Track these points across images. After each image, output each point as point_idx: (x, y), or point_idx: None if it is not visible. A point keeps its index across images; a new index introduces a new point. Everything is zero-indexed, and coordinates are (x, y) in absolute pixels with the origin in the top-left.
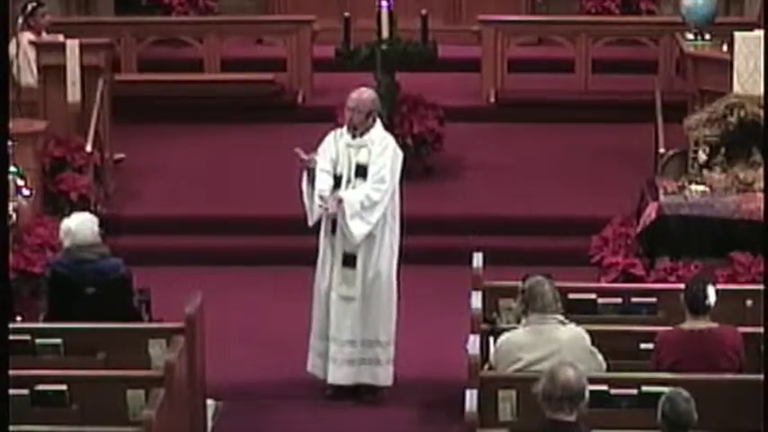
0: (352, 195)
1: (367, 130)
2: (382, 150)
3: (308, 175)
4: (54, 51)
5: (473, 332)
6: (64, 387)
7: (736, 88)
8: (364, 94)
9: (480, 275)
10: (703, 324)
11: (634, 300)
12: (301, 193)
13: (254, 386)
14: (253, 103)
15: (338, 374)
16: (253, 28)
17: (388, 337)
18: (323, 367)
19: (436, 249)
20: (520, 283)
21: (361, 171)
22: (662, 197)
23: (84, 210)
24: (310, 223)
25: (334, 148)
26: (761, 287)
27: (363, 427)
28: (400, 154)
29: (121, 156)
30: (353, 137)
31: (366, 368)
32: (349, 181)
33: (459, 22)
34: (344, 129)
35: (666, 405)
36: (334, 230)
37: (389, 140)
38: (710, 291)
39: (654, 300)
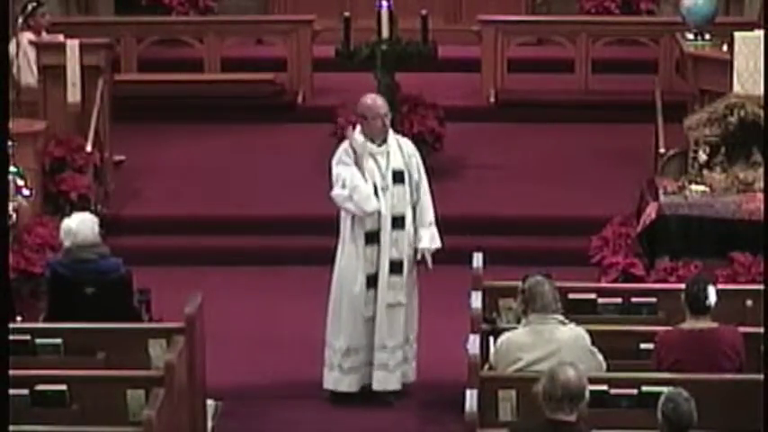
0: (428, 232)
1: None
2: (413, 152)
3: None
4: (54, 51)
5: (473, 332)
6: (64, 387)
7: (736, 88)
8: (381, 98)
9: (480, 275)
10: (703, 324)
11: (634, 300)
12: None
13: (254, 386)
14: (253, 103)
15: (391, 380)
16: (253, 28)
17: (414, 333)
18: (357, 379)
19: (436, 249)
20: (520, 283)
21: (399, 177)
22: (662, 197)
23: (84, 210)
24: (371, 209)
25: (352, 160)
26: (761, 287)
27: (363, 428)
28: None
29: (121, 158)
30: (376, 143)
31: (406, 368)
32: (385, 188)
33: (459, 22)
34: (361, 137)
35: (668, 405)
36: (373, 240)
37: (404, 138)
38: (711, 291)
39: (654, 300)
